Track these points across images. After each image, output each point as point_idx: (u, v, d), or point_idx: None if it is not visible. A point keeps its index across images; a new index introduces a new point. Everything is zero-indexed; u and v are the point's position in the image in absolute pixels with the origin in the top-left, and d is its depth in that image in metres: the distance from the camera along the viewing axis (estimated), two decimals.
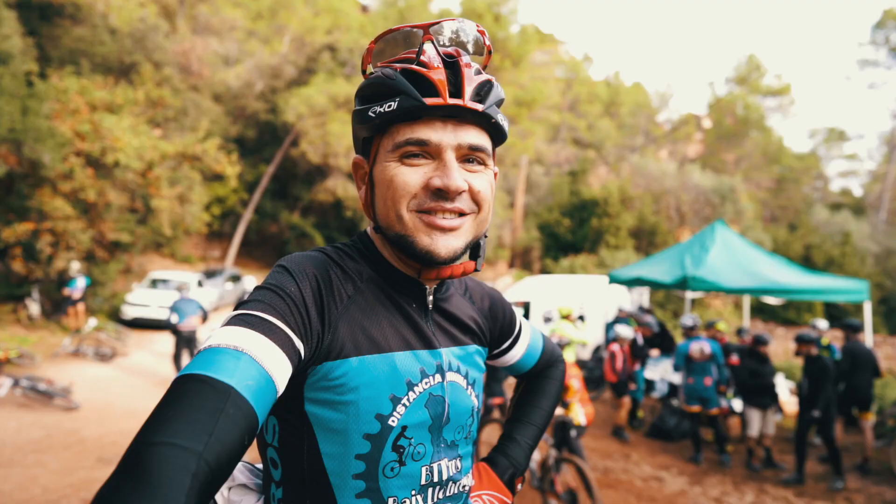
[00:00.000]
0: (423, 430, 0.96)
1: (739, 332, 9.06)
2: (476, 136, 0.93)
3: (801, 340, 6.63)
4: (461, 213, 0.93)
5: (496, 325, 1.21)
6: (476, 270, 1.03)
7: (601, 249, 23.64)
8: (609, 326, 10.11)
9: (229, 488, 0.99)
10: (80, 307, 12.60)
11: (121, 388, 8.83)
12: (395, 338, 0.96)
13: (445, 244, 0.92)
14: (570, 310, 8.61)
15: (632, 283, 10.07)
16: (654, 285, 9.53)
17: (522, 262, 31.67)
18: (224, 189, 20.76)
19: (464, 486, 1.06)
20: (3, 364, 8.08)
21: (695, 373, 7.15)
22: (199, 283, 15.70)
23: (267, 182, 23.91)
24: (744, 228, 24.81)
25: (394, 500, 0.93)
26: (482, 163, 0.95)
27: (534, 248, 30.64)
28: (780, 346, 15.35)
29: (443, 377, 1.00)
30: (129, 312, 13.73)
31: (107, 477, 0.61)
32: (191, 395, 0.68)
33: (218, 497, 0.97)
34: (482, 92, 0.92)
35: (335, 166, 22.48)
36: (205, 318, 9.22)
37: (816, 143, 41.20)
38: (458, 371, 1.04)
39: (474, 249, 1.04)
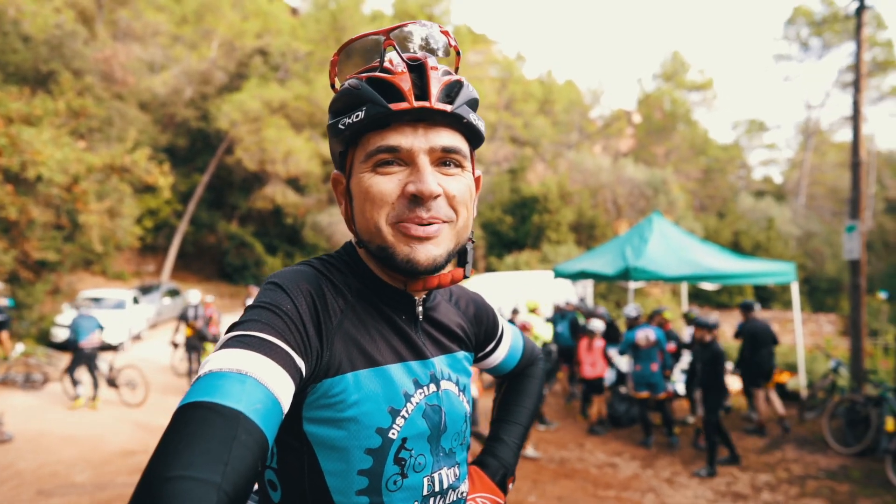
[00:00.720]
0: (423, 440, 0.95)
1: (691, 320, 9.17)
2: (448, 138, 0.91)
3: (697, 325, 6.67)
4: (438, 221, 0.91)
5: (481, 330, 1.21)
6: (465, 277, 1.02)
7: (543, 245, 24.10)
8: (555, 320, 10.27)
9: None
10: (3, 333, 11.83)
11: (56, 416, 8.36)
12: (387, 350, 0.95)
13: (426, 252, 0.90)
14: (537, 303, 8.76)
15: (576, 276, 10.31)
16: (598, 277, 9.80)
17: None
18: (156, 201, 20.00)
19: (462, 493, 1.05)
20: None
21: (641, 360, 7.44)
22: (135, 300, 15.06)
23: (202, 191, 23.15)
24: (677, 218, 25.83)
25: None
26: (459, 165, 0.94)
27: (478, 247, 30.93)
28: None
29: (437, 386, 0.99)
30: (60, 335, 13.00)
31: None
32: (200, 423, 0.65)
33: None
34: (452, 93, 0.91)
35: (273, 173, 22.02)
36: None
37: (739, 134, 43.30)
38: (449, 379, 1.04)
39: (462, 256, 1.03)
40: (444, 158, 0.91)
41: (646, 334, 7.39)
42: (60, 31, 16.41)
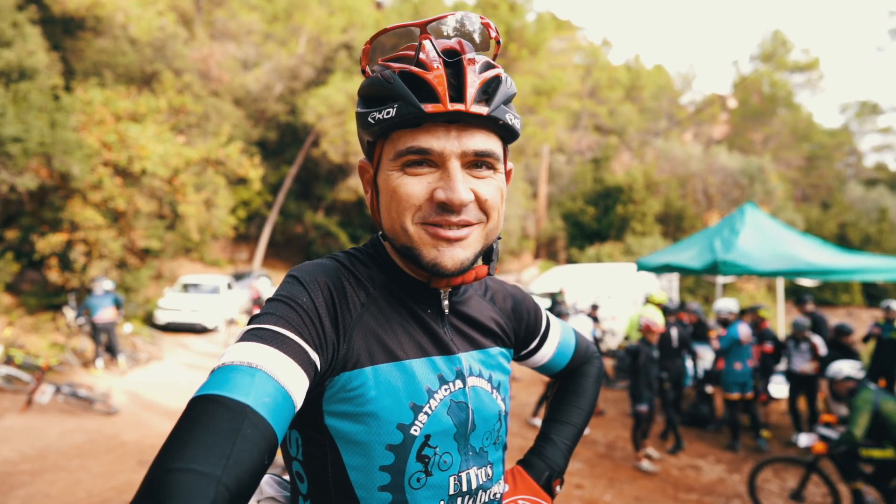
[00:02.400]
0: (449, 438, 0.92)
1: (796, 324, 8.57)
2: (482, 142, 0.87)
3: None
4: (468, 224, 0.89)
5: (521, 325, 1.17)
6: (489, 275, 1.00)
7: (627, 236, 23.36)
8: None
9: (258, 501, 0.98)
10: None
11: (157, 391, 9.00)
12: (410, 345, 0.93)
13: (452, 256, 0.88)
14: (660, 298, 8.51)
15: (660, 269, 9.92)
16: (684, 271, 9.37)
17: (547, 252, 31.48)
18: (248, 192, 20.99)
19: (495, 494, 1.02)
20: (45, 372, 8.29)
21: (741, 357, 7.02)
22: (229, 286, 15.92)
23: (290, 183, 24.10)
24: (774, 209, 24.28)
25: None
26: (491, 167, 0.90)
27: (558, 238, 30.43)
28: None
29: (464, 383, 0.96)
30: (162, 317, 13.99)
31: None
32: (206, 416, 0.67)
33: None
34: (489, 90, 0.86)
35: (356, 164, 22.58)
36: (119, 307, 10.01)
37: (848, 118, 40.18)
38: (480, 375, 1.00)
39: (487, 253, 1.00)
40: (476, 161, 0.88)
41: (747, 330, 7.03)
42: (163, 34, 17.52)
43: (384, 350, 0.89)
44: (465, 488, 0.95)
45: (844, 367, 4.88)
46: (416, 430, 0.88)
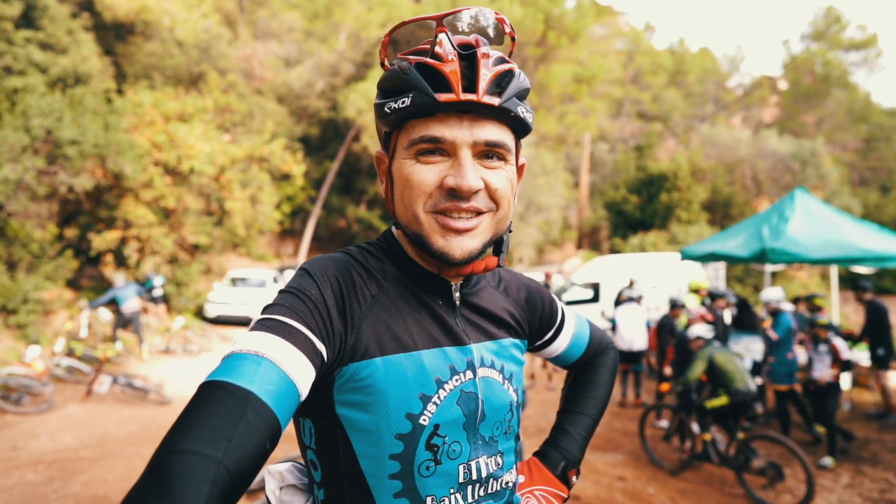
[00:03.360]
0: (458, 427, 0.94)
1: None
2: (494, 132, 0.89)
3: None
4: (478, 212, 0.91)
5: (535, 316, 1.18)
6: (499, 266, 1.01)
7: (672, 225, 22.80)
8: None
9: (280, 488, 1.01)
10: (162, 307, 13.39)
11: None
12: (421, 336, 0.95)
13: (460, 246, 0.90)
14: (702, 284, 8.40)
15: (705, 258, 9.67)
16: (730, 259, 9.11)
17: (590, 242, 31.07)
18: (292, 188, 21.42)
19: (506, 483, 1.03)
20: (104, 363, 8.69)
21: (787, 348, 6.80)
22: (275, 279, 16.33)
23: (332, 178, 24.47)
24: (829, 194, 23.30)
25: (432, 499, 0.92)
26: (502, 158, 0.92)
27: (601, 228, 29.98)
28: None
29: (474, 373, 0.98)
30: (211, 311, 14.46)
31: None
32: (211, 401, 0.70)
33: (270, 496, 0.99)
34: (502, 83, 0.88)
35: None
36: (139, 296, 10.67)
37: None
38: (491, 366, 1.02)
39: (497, 245, 1.02)
40: (487, 151, 0.90)
41: (795, 320, 6.89)
42: (208, 35, 17.99)
43: (394, 341, 0.91)
44: (474, 476, 0.96)
45: (697, 329, 5.73)
46: (424, 420, 0.90)
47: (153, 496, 0.61)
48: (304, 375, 0.80)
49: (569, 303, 13.29)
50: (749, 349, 8.32)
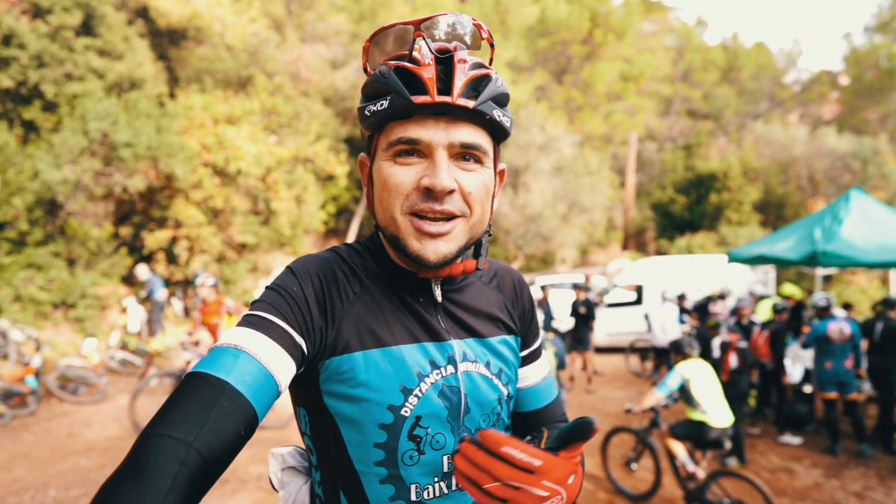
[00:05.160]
0: (440, 419, 0.97)
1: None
2: (469, 134, 0.92)
3: None
4: (452, 217, 0.93)
5: (524, 322, 1.18)
6: (477, 269, 1.03)
7: (721, 226, 22.13)
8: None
9: (282, 469, 1.07)
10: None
11: None
12: (401, 332, 0.98)
13: (435, 249, 0.93)
14: (790, 291, 8.35)
15: (754, 260, 9.39)
16: (779, 262, 8.80)
17: (636, 243, 30.46)
18: (337, 188, 21.73)
19: None
20: (154, 357, 9.06)
21: (833, 356, 6.50)
22: None
23: None
24: (891, 195, 22.15)
25: (416, 487, 0.96)
26: (478, 160, 0.94)
27: (648, 229, 29.34)
28: None
29: (455, 368, 1.00)
30: None
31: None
32: (190, 390, 0.77)
33: (272, 477, 1.06)
34: (479, 87, 0.91)
35: None
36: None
37: None
38: (475, 361, 1.04)
39: (477, 247, 1.05)
40: (463, 153, 0.93)
41: (840, 327, 6.48)
42: (256, 39, 18.44)
43: (374, 337, 0.96)
44: None
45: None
46: (406, 412, 0.94)
47: (127, 474, 0.68)
48: (282, 368, 0.85)
49: (611, 305, 13.08)
50: (798, 356, 8.03)
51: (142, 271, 11.45)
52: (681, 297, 9.96)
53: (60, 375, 8.27)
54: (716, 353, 6.73)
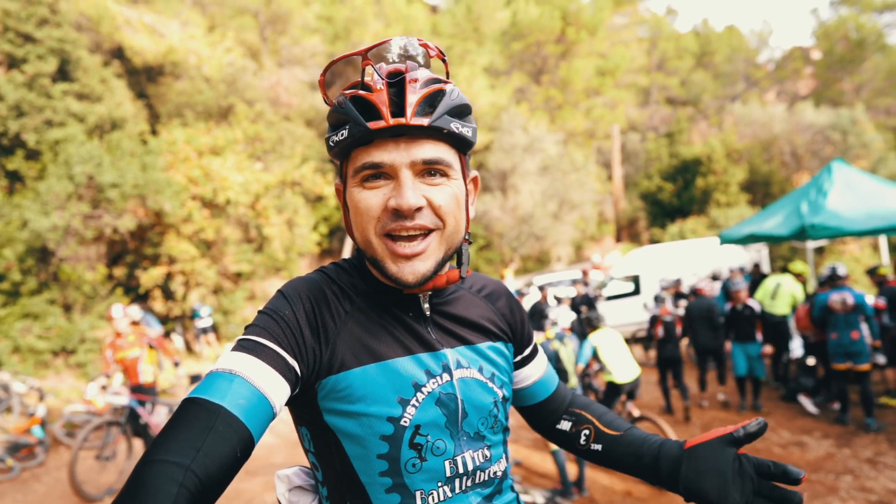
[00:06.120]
0: (439, 426, 1.00)
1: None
2: (430, 151, 0.94)
3: None
4: (427, 231, 0.96)
5: (516, 327, 1.22)
6: (462, 278, 1.06)
7: (711, 209, 22.26)
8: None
9: (289, 490, 1.09)
10: (210, 336, 13.77)
11: None
12: (394, 345, 1.01)
13: (412, 271, 0.95)
14: (801, 268, 8.45)
15: (745, 240, 9.45)
16: (770, 239, 8.88)
17: (629, 234, 30.59)
18: (327, 208, 21.76)
19: (494, 473, 1.08)
20: (159, 394, 9.01)
21: (839, 327, 6.41)
22: None
23: None
24: (874, 162, 22.33)
25: (421, 493, 0.98)
26: (444, 174, 0.97)
27: (639, 219, 29.48)
28: None
29: (451, 376, 1.03)
30: None
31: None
32: (186, 416, 0.79)
33: (281, 498, 1.08)
34: (434, 103, 0.93)
35: None
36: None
37: None
38: (468, 368, 1.07)
39: (459, 256, 1.07)
40: (427, 169, 0.95)
41: (842, 297, 6.35)
42: (233, 68, 18.51)
43: (369, 352, 0.98)
44: (461, 470, 1.02)
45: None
46: (405, 422, 0.96)
47: (128, 500, 0.70)
48: (276, 390, 0.88)
49: (610, 297, 13.12)
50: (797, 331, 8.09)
51: (133, 311, 11.39)
52: (676, 283, 10.00)
53: (66, 423, 8.20)
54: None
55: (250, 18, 24.51)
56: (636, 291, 13.18)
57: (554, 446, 4.92)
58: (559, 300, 9.43)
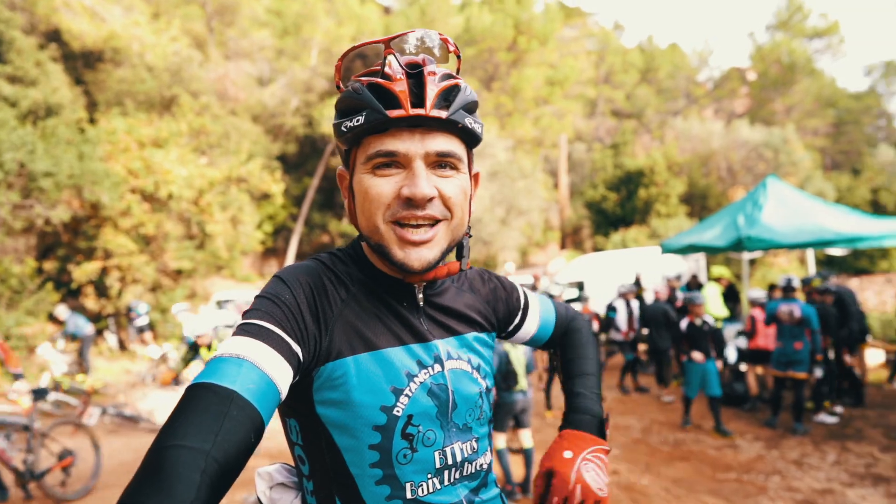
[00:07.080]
0: (430, 417, 1.01)
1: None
2: (444, 143, 0.96)
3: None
4: (435, 221, 0.97)
5: (500, 307, 1.25)
6: (461, 270, 1.09)
7: (652, 220, 23.09)
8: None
9: (270, 487, 1.08)
10: (147, 335, 13.24)
11: None
12: (388, 335, 1.01)
13: (418, 257, 0.97)
14: (722, 273, 8.65)
15: (685, 250, 9.84)
16: (709, 250, 9.28)
17: (573, 241, 31.30)
18: (273, 207, 21.35)
19: (481, 465, 1.10)
20: (91, 395, 8.58)
21: (783, 336, 6.72)
22: None
23: (312, 194, 24.40)
24: (803, 179, 23.70)
25: (411, 485, 0.99)
26: (454, 167, 0.99)
27: (583, 227, 30.22)
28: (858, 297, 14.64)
29: (442, 366, 1.05)
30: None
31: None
32: (198, 401, 0.77)
33: (262, 496, 1.07)
34: (449, 97, 0.95)
35: None
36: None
37: (874, 80, 38.61)
38: (458, 359, 1.09)
39: (459, 249, 1.09)
40: (439, 161, 0.97)
41: (790, 309, 6.61)
42: (178, 58, 17.89)
43: (363, 341, 0.98)
44: (450, 462, 1.03)
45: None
46: (398, 411, 0.97)
47: (150, 488, 0.67)
48: (282, 375, 0.86)
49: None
50: (731, 336, 8.48)
51: (60, 311, 10.83)
52: (635, 287, 10.25)
53: None
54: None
55: (197, 8, 23.78)
56: (579, 298, 13.50)
57: (499, 445, 5.00)
58: None
